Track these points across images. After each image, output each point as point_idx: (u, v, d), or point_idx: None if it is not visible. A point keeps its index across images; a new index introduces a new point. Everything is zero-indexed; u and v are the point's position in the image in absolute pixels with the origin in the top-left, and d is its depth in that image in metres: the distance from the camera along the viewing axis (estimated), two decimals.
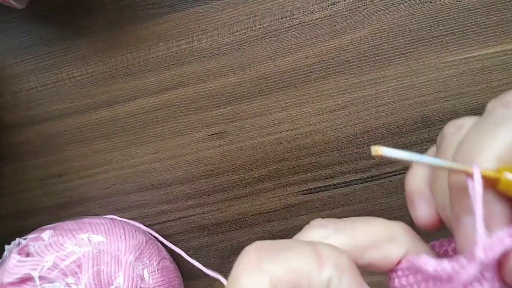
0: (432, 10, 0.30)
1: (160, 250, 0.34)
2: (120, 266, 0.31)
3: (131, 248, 0.32)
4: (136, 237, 0.33)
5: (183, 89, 0.33)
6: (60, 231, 0.32)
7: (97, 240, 0.32)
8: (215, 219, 0.35)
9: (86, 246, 0.31)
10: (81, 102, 0.34)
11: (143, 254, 0.33)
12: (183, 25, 0.33)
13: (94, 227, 0.32)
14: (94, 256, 0.31)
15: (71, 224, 0.33)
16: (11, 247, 0.32)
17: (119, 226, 0.33)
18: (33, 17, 0.34)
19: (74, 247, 0.31)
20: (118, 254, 0.32)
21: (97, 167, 0.35)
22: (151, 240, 0.34)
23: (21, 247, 0.32)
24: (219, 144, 0.34)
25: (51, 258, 0.31)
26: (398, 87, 0.32)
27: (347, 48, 0.32)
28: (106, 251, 0.31)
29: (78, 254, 0.31)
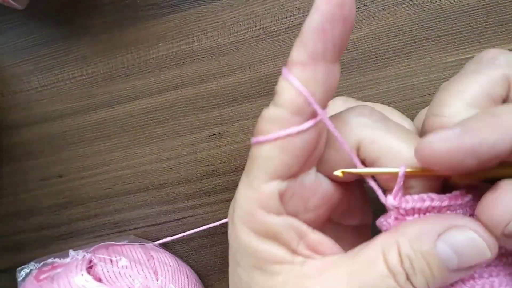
0: (432, 10, 0.30)
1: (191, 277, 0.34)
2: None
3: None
4: None
5: (183, 89, 0.33)
6: (129, 259, 0.30)
7: (163, 284, 0.30)
8: (215, 219, 0.35)
9: (152, 283, 0.30)
10: (81, 102, 0.34)
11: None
12: (183, 26, 0.33)
13: (163, 266, 0.31)
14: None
15: (138, 250, 0.32)
16: (73, 254, 0.31)
17: (183, 273, 0.32)
18: (33, 18, 0.34)
19: (138, 283, 0.29)
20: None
21: (97, 167, 0.35)
22: None
23: (87, 260, 0.30)
24: (219, 145, 0.34)
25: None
26: (398, 87, 0.32)
27: (347, 48, 0.32)
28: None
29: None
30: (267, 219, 0.19)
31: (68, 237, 0.36)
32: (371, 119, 0.20)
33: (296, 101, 0.18)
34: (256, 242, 0.20)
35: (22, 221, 0.37)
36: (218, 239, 0.35)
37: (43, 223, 0.36)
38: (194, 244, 0.36)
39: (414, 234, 0.18)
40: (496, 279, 0.19)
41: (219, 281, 0.36)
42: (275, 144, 0.19)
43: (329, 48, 0.18)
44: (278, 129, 0.19)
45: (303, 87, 0.18)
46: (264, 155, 0.19)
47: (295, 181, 0.20)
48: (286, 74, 0.18)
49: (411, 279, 0.18)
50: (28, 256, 0.37)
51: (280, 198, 0.20)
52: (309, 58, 0.18)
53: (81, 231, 0.36)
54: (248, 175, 0.20)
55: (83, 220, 0.36)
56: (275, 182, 0.19)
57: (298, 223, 0.20)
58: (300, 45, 0.18)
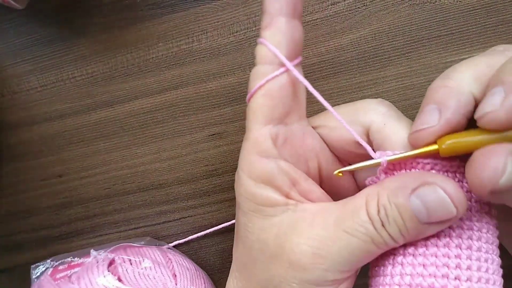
0: (432, 10, 0.30)
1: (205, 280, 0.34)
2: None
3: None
4: None
5: (183, 89, 0.33)
6: (151, 261, 0.31)
7: (183, 286, 0.30)
8: (215, 220, 0.35)
9: (171, 286, 0.29)
10: (81, 102, 0.34)
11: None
12: (183, 26, 0.33)
13: (181, 269, 0.31)
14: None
15: (157, 253, 0.32)
16: (94, 254, 0.31)
17: (200, 277, 0.32)
18: (33, 18, 0.34)
19: (161, 285, 0.29)
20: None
21: (97, 167, 0.35)
22: None
23: (107, 260, 0.30)
24: (219, 144, 0.34)
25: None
26: (398, 87, 0.32)
27: (347, 48, 0.32)
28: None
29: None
30: (262, 163, 0.23)
31: (68, 237, 0.36)
32: (387, 108, 0.24)
33: (268, 55, 0.22)
34: (254, 187, 0.23)
35: (22, 221, 0.37)
36: (218, 240, 0.35)
37: (43, 223, 0.36)
38: (194, 244, 0.35)
39: (393, 187, 0.21)
40: (475, 233, 0.22)
41: (219, 281, 0.36)
42: (259, 94, 0.23)
43: (284, 5, 0.22)
44: (260, 81, 0.22)
45: (267, 43, 0.22)
46: (253, 106, 0.23)
47: (285, 128, 0.23)
48: (259, 40, 0.23)
49: (385, 227, 0.21)
50: (28, 256, 0.37)
51: (273, 141, 0.23)
52: (271, 18, 0.22)
53: (81, 231, 0.36)
54: (246, 131, 0.24)
55: (83, 220, 0.36)
56: (267, 126, 0.23)
57: (291, 168, 0.23)
58: (264, 14, 0.22)
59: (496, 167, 0.18)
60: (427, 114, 0.21)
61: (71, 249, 0.36)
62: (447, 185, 0.20)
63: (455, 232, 0.22)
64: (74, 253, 0.34)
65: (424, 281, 0.21)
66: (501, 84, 0.20)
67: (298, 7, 0.22)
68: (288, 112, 0.23)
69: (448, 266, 0.21)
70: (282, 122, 0.23)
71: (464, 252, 0.21)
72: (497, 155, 0.19)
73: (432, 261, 0.21)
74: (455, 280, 0.21)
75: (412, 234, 0.21)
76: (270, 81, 0.22)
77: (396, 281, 0.21)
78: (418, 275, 0.21)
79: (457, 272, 0.21)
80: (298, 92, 0.24)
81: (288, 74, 0.23)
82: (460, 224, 0.22)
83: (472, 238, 0.22)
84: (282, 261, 0.22)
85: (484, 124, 0.20)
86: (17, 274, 0.37)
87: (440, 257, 0.21)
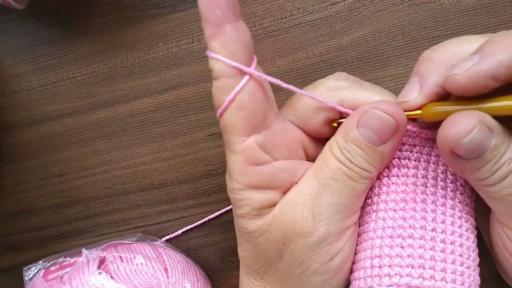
0: (431, 10, 0.30)
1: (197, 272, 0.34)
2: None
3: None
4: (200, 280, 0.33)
5: (183, 89, 0.34)
6: (143, 256, 0.31)
7: (175, 280, 0.30)
8: (215, 219, 0.35)
9: (163, 280, 0.30)
10: (81, 102, 0.34)
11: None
12: (183, 26, 0.33)
13: (172, 263, 0.31)
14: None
15: (148, 248, 0.32)
16: (86, 253, 0.31)
17: (192, 269, 0.32)
18: (33, 18, 0.34)
19: (154, 280, 0.29)
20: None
21: (97, 167, 0.35)
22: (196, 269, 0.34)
23: (98, 259, 0.30)
24: (219, 144, 0.34)
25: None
26: (398, 87, 0.32)
27: (347, 48, 0.32)
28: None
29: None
30: (257, 171, 0.23)
31: (68, 236, 0.37)
32: (349, 82, 0.25)
33: (226, 68, 0.22)
34: (257, 194, 0.24)
35: (22, 220, 0.37)
36: (217, 239, 0.35)
37: (43, 222, 0.37)
38: (193, 244, 0.36)
39: (343, 129, 0.24)
40: (449, 193, 0.25)
41: (219, 280, 0.36)
42: (231, 108, 0.22)
43: (225, 10, 0.21)
44: (227, 95, 0.22)
45: (223, 57, 0.22)
46: (228, 122, 0.23)
47: (269, 131, 0.24)
48: (209, 53, 0.22)
49: (354, 162, 0.23)
50: (28, 256, 0.37)
51: (263, 149, 0.23)
52: (215, 27, 0.21)
53: (81, 230, 0.36)
54: (228, 145, 0.23)
55: (83, 219, 0.36)
56: (251, 137, 0.23)
57: (288, 165, 0.24)
58: (205, 23, 0.22)
59: (463, 127, 0.21)
60: (409, 86, 0.24)
61: (71, 248, 0.36)
62: (378, 104, 0.23)
63: (430, 190, 0.25)
64: (66, 253, 0.34)
65: (404, 232, 0.24)
66: (479, 52, 0.21)
67: (237, 7, 0.22)
68: (265, 115, 0.23)
69: (426, 219, 0.24)
70: (264, 127, 0.24)
71: (440, 208, 0.24)
72: (468, 119, 0.21)
73: (411, 214, 0.24)
74: (432, 232, 0.24)
75: (377, 159, 0.23)
76: (239, 93, 0.22)
77: (378, 234, 0.24)
78: (399, 227, 0.24)
79: (433, 225, 0.24)
80: (267, 92, 0.24)
81: (252, 80, 0.23)
82: (435, 183, 0.25)
83: (446, 197, 0.25)
84: (291, 240, 0.23)
85: (445, 85, 0.22)
86: (17, 274, 0.37)
87: (419, 211, 0.24)
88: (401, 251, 0.23)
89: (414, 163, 0.25)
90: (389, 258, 0.23)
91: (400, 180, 0.25)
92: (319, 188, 0.23)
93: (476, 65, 0.20)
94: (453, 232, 0.24)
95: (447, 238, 0.24)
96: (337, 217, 0.23)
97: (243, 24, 0.22)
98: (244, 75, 0.22)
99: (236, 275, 0.35)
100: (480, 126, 0.21)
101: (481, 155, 0.21)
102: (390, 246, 0.24)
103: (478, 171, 0.22)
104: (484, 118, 0.21)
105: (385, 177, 0.25)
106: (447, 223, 0.24)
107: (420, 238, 0.24)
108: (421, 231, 0.24)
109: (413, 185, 0.25)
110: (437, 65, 0.23)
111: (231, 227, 0.35)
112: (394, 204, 0.25)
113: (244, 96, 0.22)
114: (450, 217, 0.24)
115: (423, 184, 0.25)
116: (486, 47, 0.21)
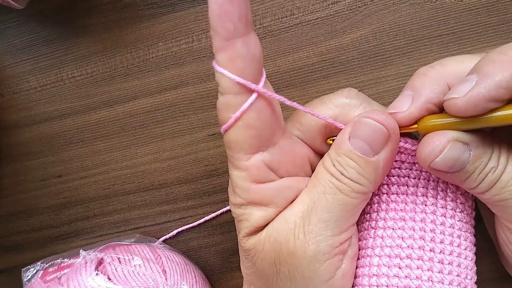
0: (433, 9, 0.30)
1: (196, 273, 0.34)
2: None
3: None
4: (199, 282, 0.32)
5: (183, 89, 0.33)
6: (141, 258, 0.31)
7: (173, 282, 0.30)
8: (215, 220, 0.35)
9: (161, 282, 0.29)
10: (80, 102, 0.34)
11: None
12: (183, 25, 0.33)
13: (171, 265, 0.31)
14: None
15: (146, 250, 0.32)
16: (84, 254, 0.30)
17: (191, 271, 0.32)
18: (32, 17, 0.34)
19: (152, 281, 0.29)
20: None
21: (97, 167, 0.35)
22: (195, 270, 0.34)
23: (98, 260, 0.30)
24: (219, 144, 0.34)
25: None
26: (399, 87, 0.31)
27: (348, 47, 0.31)
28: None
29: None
30: (261, 189, 0.23)
31: (67, 237, 0.36)
32: (359, 100, 0.25)
33: (233, 85, 0.21)
34: (258, 210, 0.23)
35: (22, 221, 0.37)
36: (217, 240, 0.35)
37: (42, 223, 0.36)
38: (194, 245, 0.35)
39: (335, 144, 0.24)
40: (448, 211, 0.24)
41: (219, 281, 0.36)
42: (237, 125, 0.22)
43: (237, 24, 0.20)
44: (233, 112, 0.21)
45: (230, 74, 0.21)
46: (234, 138, 0.22)
47: (276, 148, 0.23)
48: (215, 66, 0.21)
49: (345, 174, 0.23)
50: (27, 256, 0.37)
51: (269, 167, 0.23)
52: (225, 41, 0.20)
53: (81, 231, 0.36)
54: (232, 161, 0.23)
55: (83, 220, 0.36)
56: (257, 155, 0.22)
57: (292, 182, 0.24)
58: (214, 34, 0.20)
59: (435, 147, 0.22)
60: (401, 98, 0.24)
61: (70, 249, 0.36)
62: (368, 114, 0.23)
63: (429, 209, 0.24)
64: (64, 254, 0.34)
65: (402, 252, 0.24)
66: (476, 72, 0.21)
67: (249, 19, 0.20)
68: (272, 133, 0.23)
69: (424, 239, 0.24)
70: (270, 144, 0.23)
71: (439, 227, 0.24)
72: (440, 139, 0.22)
73: (410, 233, 0.24)
74: (430, 252, 0.24)
75: (370, 171, 0.23)
76: (246, 112, 0.21)
77: (376, 252, 0.24)
78: (397, 247, 0.24)
79: (432, 245, 0.24)
80: (275, 109, 0.23)
81: (260, 97, 0.22)
82: (434, 202, 0.25)
83: (445, 215, 0.24)
84: (286, 261, 0.23)
85: (446, 108, 0.22)
86: (15, 275, 0.37)
87: (417, 230, 0.24)
88: (399, 271, 0.23)
89: (414, 181, 0.25)
90: (386, 277, 0.23)
91: (399, 198, 0.25)
92: (310, 204, 0.23)
93: (475, 89, 0.20)
94: (451, 252, 0.24)
95: (445, 258, 0.24)
96: (327, 234, 0.23)
97: (254, 38, 0.21)
98: (252, 92, 0.21)
99: (237, 276, 0.35)
100: (452, 144, 0.21)
101: (462, 169, 0.22)
102: (388, 265, 0.24)
103: (464, 182, 0.22)
104: (457, 135, 0.22)
105: (385, 194, 0.25)
106: (445, 243, 0.24)
107: (418, 258, 0.24)
108: (419, 252, 0.24)
109: (412, 203, 0.25)
110: (432, 81, 0.23)
111: (231, 228, 0.35)
112: (393, 223, 0.24)
113: (252, 115, 0.21)
114: (449, 236, 0.24)
115: (423, 203, 0.25)
116: (483, 67, 0.21)
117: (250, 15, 0.20)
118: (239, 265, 0.27)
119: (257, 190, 0.23)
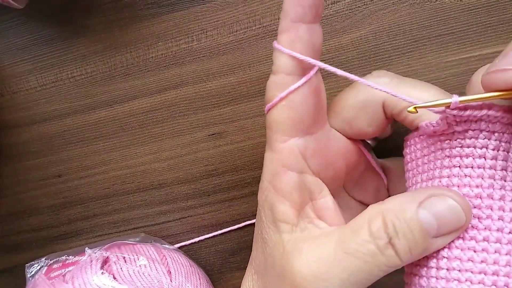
0: (432, 9, 0.30)
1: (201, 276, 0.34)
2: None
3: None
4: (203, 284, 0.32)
5: (182, 89, 0.33)
6: (146, 258, 0.30)
7: (177, 283, 0.30)
8: (215, 220, 0.35)
9: (166, 283, 0.29)
10: (80, 102, 0.34)
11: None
12: (182, 25, 0.33)
13: (176, 266, 0.31)
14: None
15: (151, 250, 0.32)
16: (89, 252, 0.30)
17: (195, 273, 0.32)
18: (32, 17, 0.34)
19: (157, 282, 0.29)
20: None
21: (97, 167, 0.35)
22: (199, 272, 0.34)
23: (101, 258, 0.30)
24: (219, 144, 0.34)
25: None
26: None
27: (347, 47, 0.31)
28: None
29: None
30: (286, 176, 0.22)
31: (67, 237, 0.36)
32: (389, 78, 0.24)
33: (288, 64, 0.21)
34: (275, 199, 0.23)
35: (22, 221, 0.37)
36: (218, 240, 0.35)
37: (42, 223, 0.36)
38: (194, 244, 0.35)
39: (398, 204, 0.21)
40: None
41: (219, 281, 0.36)
42: (281, 105, 0.22)
43: (307, 11, 0.20)
44: (280, 92, 0.21)
45: (289, 50, 0.21)
46: (275, 118, 0.22)
47: (312, 138, 0.23)
48: (275, 44, 0.21)
49: (394, 242, 0.20)
50: (27, 256, 0.37)
51: (302, 155, 0.22)
52: (292, 23, 0.21)
53: (81, 231, 0.36)
54: (269, 141, 0.23)
55: (82, 220, 0.36)
56: (293, 139, 0.22)
57: (315, 182, 0.23)
58: (283, 16, 0.21)
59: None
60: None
61: (70, 249, 0.36)
62: (454, 195, 0.20)
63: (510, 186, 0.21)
64: (69, 251, 0.34)
65: (478, 234, 0.20)
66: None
67: (320, 11, 0.21)
68: (313, 122, 0.23)
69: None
70: (308, 133, 0.23)
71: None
72: None
73: (487, 213, 0.21)
74: (504, 277, 0.20)
75: (420, 251, 0.20)
76: (292, 93, 0.21)
77: None
78: (471, 228, 0.21)
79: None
80: (321, 100, 0.23)
81: (309, 83, 0.22)
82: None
83: None
84: (286, 283, 0.22)
85: None
86: (16, 274, 0.37)
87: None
88: (473, 255, 0.21)
89: (493, 153, 0.21)
90: (459, 261, 0.21)
91: (475, 173, 0.21)
92: (334, 256, 0.21)
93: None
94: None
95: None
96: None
97: (318, 29, 0.22)
98: (302, 76, 0.22)
99: (237, 276, 0.35)
100: None
101: None
102: (461, 248, 0.21)
103: None
104: None
105: (457, 167, 0.22)
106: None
107: (496, 241, 0.20)
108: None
109: (490, 178, 0.21)
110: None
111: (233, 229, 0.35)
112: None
113: (297, 98, 0.22)
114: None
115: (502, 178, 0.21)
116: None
117: (321, 8, 0.21)
118: (239, 265, 0.27)
119: (283, 176, 0.22)
